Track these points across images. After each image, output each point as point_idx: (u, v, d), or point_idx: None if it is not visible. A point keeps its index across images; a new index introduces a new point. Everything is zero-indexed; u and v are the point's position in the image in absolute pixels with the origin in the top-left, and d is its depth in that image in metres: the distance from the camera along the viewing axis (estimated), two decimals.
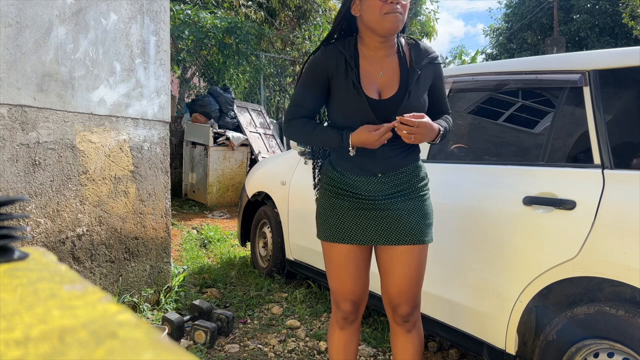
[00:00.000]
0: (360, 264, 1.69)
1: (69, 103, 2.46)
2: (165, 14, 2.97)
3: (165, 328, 2.53)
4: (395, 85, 1.58)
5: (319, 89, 1.63)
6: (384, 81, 1.58)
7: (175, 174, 7.15)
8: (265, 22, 9.55)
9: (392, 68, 1.59)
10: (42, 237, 2.39)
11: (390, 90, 1.58)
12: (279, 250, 3.51)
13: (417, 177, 1.66)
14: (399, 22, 1.49)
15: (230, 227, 5.59)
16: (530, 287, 1.79)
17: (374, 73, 1.58)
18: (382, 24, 1.49)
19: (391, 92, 1.58)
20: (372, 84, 1.58)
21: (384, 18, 1.48)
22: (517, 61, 2.16)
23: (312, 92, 1.65)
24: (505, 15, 22.40)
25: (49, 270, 0.55)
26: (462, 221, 2.06)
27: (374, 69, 1.59)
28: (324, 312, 3.03)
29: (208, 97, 7.32)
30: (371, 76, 1.58)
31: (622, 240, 1.55)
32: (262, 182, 3.74)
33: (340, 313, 1.75)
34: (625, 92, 1.79)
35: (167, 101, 3.02)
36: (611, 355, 1.60)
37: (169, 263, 3.12)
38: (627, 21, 12.20)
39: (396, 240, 1.62)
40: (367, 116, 1.56)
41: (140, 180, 2.88)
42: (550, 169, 1.85)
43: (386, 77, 1.58)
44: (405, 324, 1.71)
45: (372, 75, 1.58)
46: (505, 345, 1.88)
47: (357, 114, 1.56)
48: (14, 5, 2.19)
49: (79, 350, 0.34)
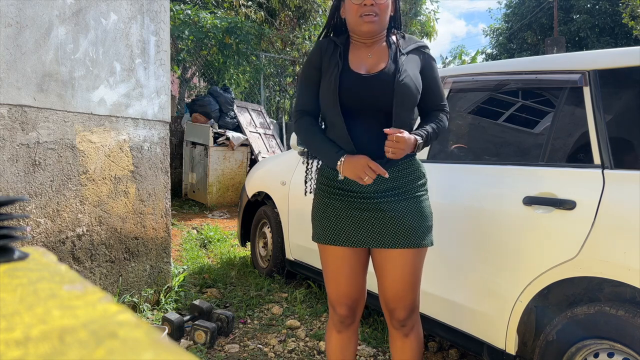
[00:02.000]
0: (356, 267, 1.67)
1: (69, 103, 2.46)
2: (165, 14, 2.97)
3: (165, 328, 2.53)
4: (384, 63, 1.60)
5: (318, 84, 1.67)
6: (372, 61, 1.62)
7: (175, 174, 7.15)
8: (265, 22, 9.55)
9: (381, 51, 1.64)
10: (42, 237, 2.39)
11: (378, 67, 1.60)
12: (279, 250, 3.51)
13: (413, 174, 1.63)
14: (375, 24, 1.56)
15: (230, 227, 5.59)
16: (531, 287, 1.79)
17: (363, 55, 1.63)
18: (360, 26, 1.57)
19: (379, 68, 1.60)
20: (361, 63, 1.61)
21: (360, 20, 1.56)
22: (517, 61, 2.16)
23: (314, 88, 1.68)
24: (505, 15, 22.40)
25: (49, 270, 0.55)
26: (462, 221, 2.06)
27: (363, 53, 1.63)
28: (324, 312, 3.03)
29: (208, 97, 7.32)
30: (360, 57, 1.62)
31: (622, 240, 1.55)
32: (262, 182, 3.74)
33: (337, 317, 1.73)
34: (625, 92, 1.79)
35: (167, 101, 3.02)
36: (611, 355, 1.60)
37: (169, 263, 3.12)
38: (627, 21, 12.20)
39: (391, 243, 1.59)
40: (352, 91, 1.57)
41: (140, 180, 2.88)
42: (550, 169, 1.85)
43: (375, 58, 1.62)
44: (402, 328, 1.68)
45: (360, 56, 1.63)
46: (505, 345, 1.88)
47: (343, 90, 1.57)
48: (14, 5, 2.19)
49: (79, 350, 0.34)
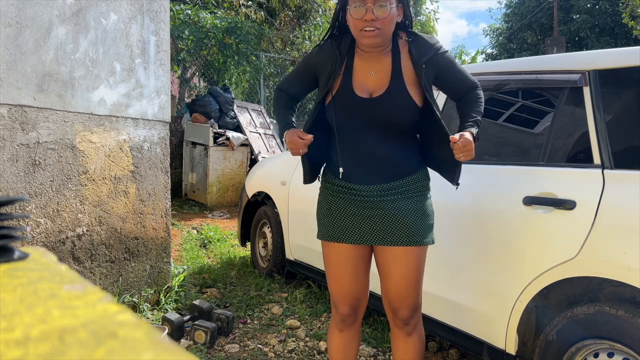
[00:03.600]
0: (359, 265, 1.68)
1: (69, 103, 2.46)
2: (165, 14, 2.97)
3: (165, 328, 2.53)
4: (384, 85, 1.57)
5: (305, 80, 1.76)
6: (375, 80, 1.58)
7: (175, 174, 7.15)
8: (265, 22, 9.54)
9: (384, 67, 1.58)
10: (42, 237, 2.39)
11: (380, 89, 1.57)
12: (279, 250, 3.51)
13: (416, 174, 1.64)
14: (376, 38, 1.50)
15: (230, 227, 5.58)
16: (531, 287, 1.78)
17: (366, 72, 1.59)
18: (361, 40, 1.54)
19: (381, 91, 1.57)
20: (365, 83, 1.59)
21: (361, 34, 1.51)
22: (517, 61, 2.16)
23: (299, 80, 1.78)
24: (505, 15, 22.40)
25: (49, 270, 0.55)
26: (462, 221, 2.06)
27: (366, 69, 1.59)
28: (324, 312, 3.03)
29: (208, 97, 7.32)
30: (363, 75, 1.59)
31: (622, 240, 1.55)
32: (262, 182, 3.74)
33: (339, 315, 1.73)
34: (625, 92, 1.79)
35: (167, 101, 3.02)
36: (611, 355, 1.60)
37: (169, 263, 3.12)
38: (627, 21, 12.20)
39: (393, 241, 1.60)
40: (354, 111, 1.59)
41: (140, 180, 2.88)
42: (550, 169, 1.84)
43: (377, 76, 1.58)
44: (405, 327, 1.69)
45: (364, 74, 1.59)
46: (505, 345, 1.88)
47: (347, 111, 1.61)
48: (14, 5, 2.19)
49: (79, 350, 0.34)
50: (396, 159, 1.61)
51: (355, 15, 1.49)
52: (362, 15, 1.47)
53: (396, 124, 1.58)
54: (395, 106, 1.54)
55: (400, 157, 1.62)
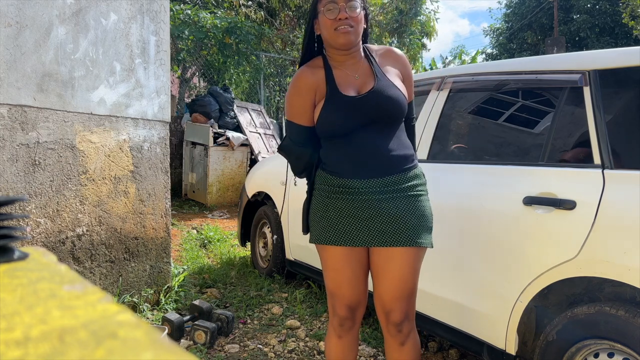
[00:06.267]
0: (356, 267, 1.66)
1: (69, 103, 2.46)
2: (165, 14, 2.97)
3: (165, 328, 2.53)
4: (371, 83, 1.63)
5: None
6: (360, 82, 1.64)
7: (175, 174, 7.15)
8: (265, 22, 9.55)
9: (365, 70, 1.66)
10: (42, 237, 2.39)
11: (367, 87, 1.62)
12: (279, 250, 3.51)
13: (412, 174, 1.64)
14: (350, 35, 1.58)
15: (230, 227, 5.59)
16: (531, 287, 1.78)
17: (349, 77, 1.64)
18: (336, 39, 1.59)
19: (369, 87, 1.61)
20: (350, 85, 1.63)
21: (335, 33, 1.58)
22: (517, 61, 2.16)
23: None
24: (506, 15, 22.41)
25: (49, 270, 0.55)
26: (462, 221, 2.06)
27: (348, 75, 1.64)
28: (324, 312, 3.03)
29: (208, 97, 7.32)
30: (347, 79, 1.64)
31: (622, 240, 1.55)
32: (262, 182, 3.74)
33: (337, 319, 1.71)
34: (625, 92, 1.79)
35: (167, 101, 3.02)
36: (611, 356, 1.60)
37: (169, 263, 3.12)
38: (627, 21, 12.21)
39: (390, 242, 1.58)
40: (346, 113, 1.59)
41: (140, 180, 2.88)
42: (550, 169, 1.84)
43: (361, 79, 1.64)
44: (398, 335, 1.65)
45: (348, 78, 1.64)
46: (506, 345, 1.88)
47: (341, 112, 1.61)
48: (14, 5, 2.19)
49: (79, 350, 0.34)
50: (391, 152, 1.62)
51: (330, 15, 1.58)
52: (336, 15, 1.57)
53: (389, 116, 1.61)
54: (387, 97, 1.59)
55: (395, 150, 1.63)
